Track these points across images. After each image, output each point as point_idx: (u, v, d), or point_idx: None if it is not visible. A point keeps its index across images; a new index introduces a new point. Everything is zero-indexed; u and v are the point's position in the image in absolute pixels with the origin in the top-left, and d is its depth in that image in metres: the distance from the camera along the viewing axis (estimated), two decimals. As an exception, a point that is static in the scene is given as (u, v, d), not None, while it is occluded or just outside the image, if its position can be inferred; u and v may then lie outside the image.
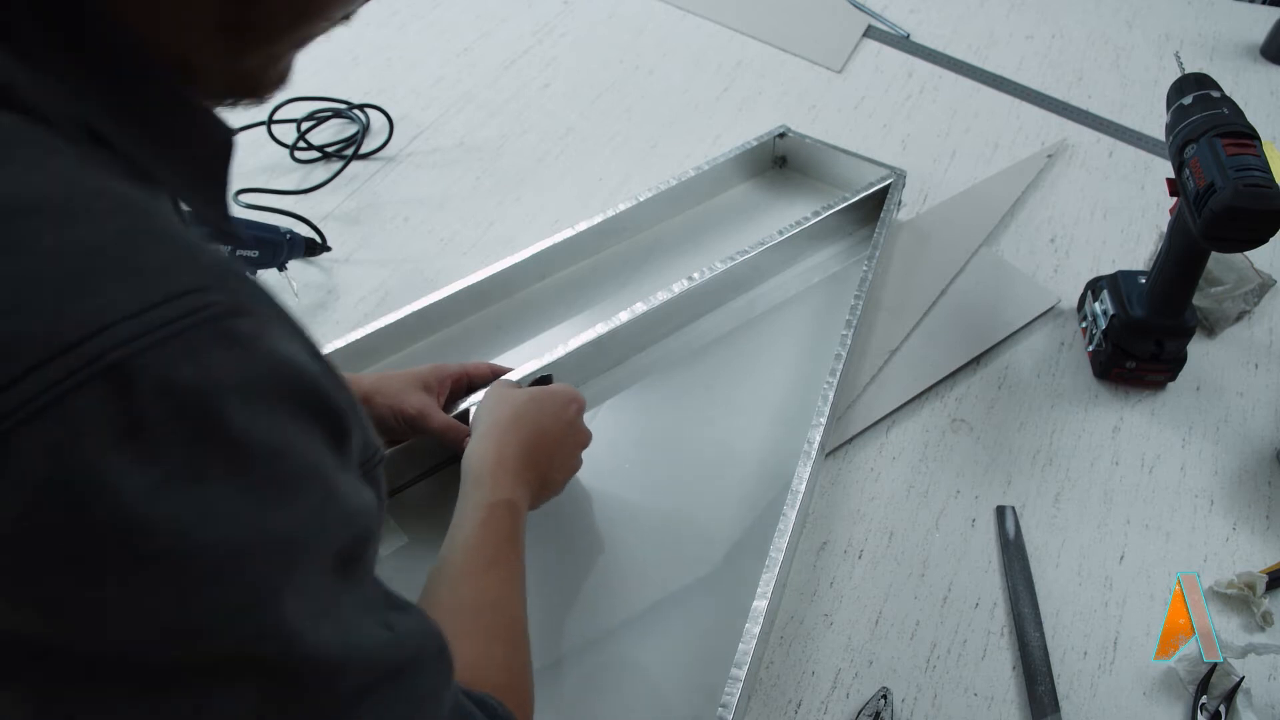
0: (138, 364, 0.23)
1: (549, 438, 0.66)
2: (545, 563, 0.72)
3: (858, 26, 1.32)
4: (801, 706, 0.66)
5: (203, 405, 0.25)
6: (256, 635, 0.27)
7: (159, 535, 0.24)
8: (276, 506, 0.27)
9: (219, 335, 0.25)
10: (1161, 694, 0.67)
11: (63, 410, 0.22)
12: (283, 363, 0.28)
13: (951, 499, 0.78)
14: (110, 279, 0.23)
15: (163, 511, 0.24)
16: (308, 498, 0.28)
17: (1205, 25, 1.32)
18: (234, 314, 0.26)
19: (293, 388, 0.28)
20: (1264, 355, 0.90)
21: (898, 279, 0.95)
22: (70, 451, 0.22)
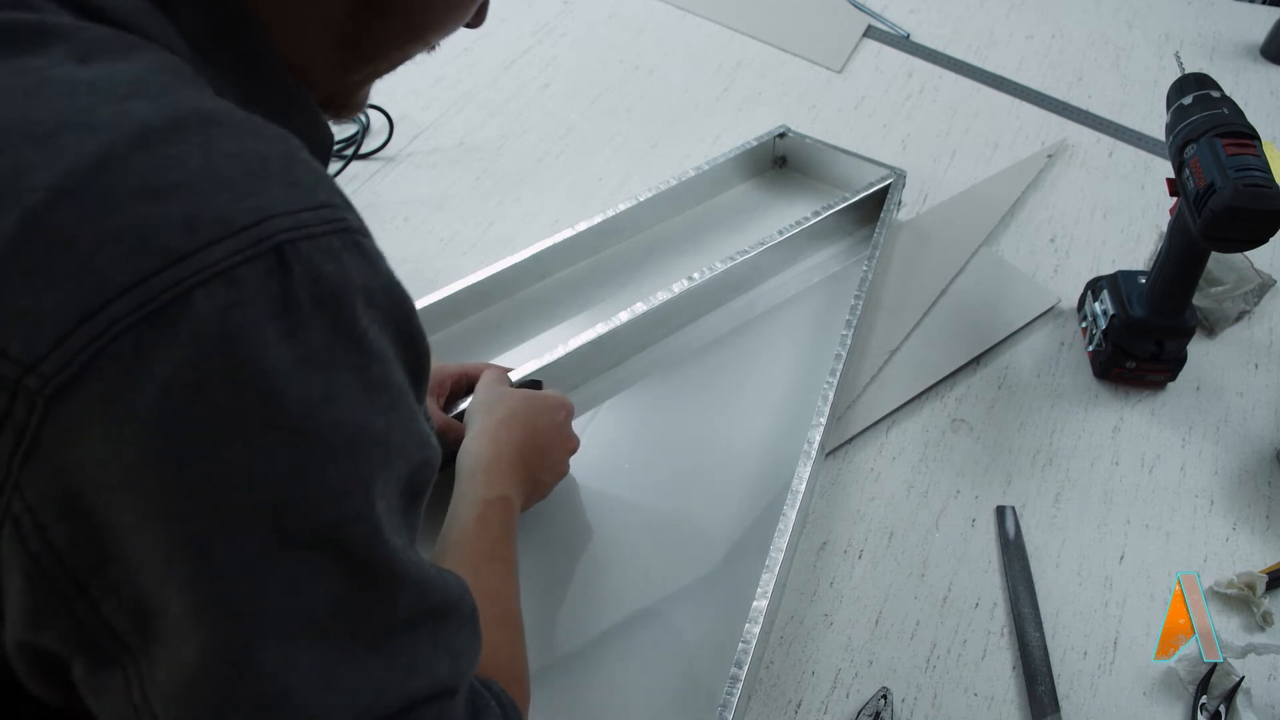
0: (295, 250, 0.27)
1: (541, 439, 0.68)
2: (545, 562, 0.73)
3: (858, 26, 1.32)
4: (801, 706, 0.66)
5: (339, 300, 0.29)
6: (353, 519, 0.30)
7: (291, 405, 0.27)
8: (380, 408, 0.30)
9: (352, 245, 0.29)
10: (1161, 694, 0.67)
11: (234, 278, 0.26)
12: (396, 286, 0.32)
13: (951, 499, 0.78)
14: (274, 183, 0.28)
15: (298, 386, 0.27)
16: (400, 410, 0.31)
17: (1205, 25, 1.32)
18: (363, 233, 0.30)
19: (401, 313, 0.32)
20: (1264, 355, 0.90)
21: (898, 279, 0.95)
22: (237, 313, 0.26)
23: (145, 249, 0.25)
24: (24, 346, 0.25)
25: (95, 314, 0.24)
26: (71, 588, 0.27)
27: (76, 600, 0.27)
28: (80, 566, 0.27)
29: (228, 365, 0.26)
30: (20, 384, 0.25)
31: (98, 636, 0.28)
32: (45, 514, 0.26)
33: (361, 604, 0.31)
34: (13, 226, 0.25)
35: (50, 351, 0.25)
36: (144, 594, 0.28)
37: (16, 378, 0.25)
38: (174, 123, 0.27)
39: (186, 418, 0.26)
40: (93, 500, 0.26)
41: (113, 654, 0.28)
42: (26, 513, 0.26)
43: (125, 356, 0.25)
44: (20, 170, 0.25)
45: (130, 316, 0.25)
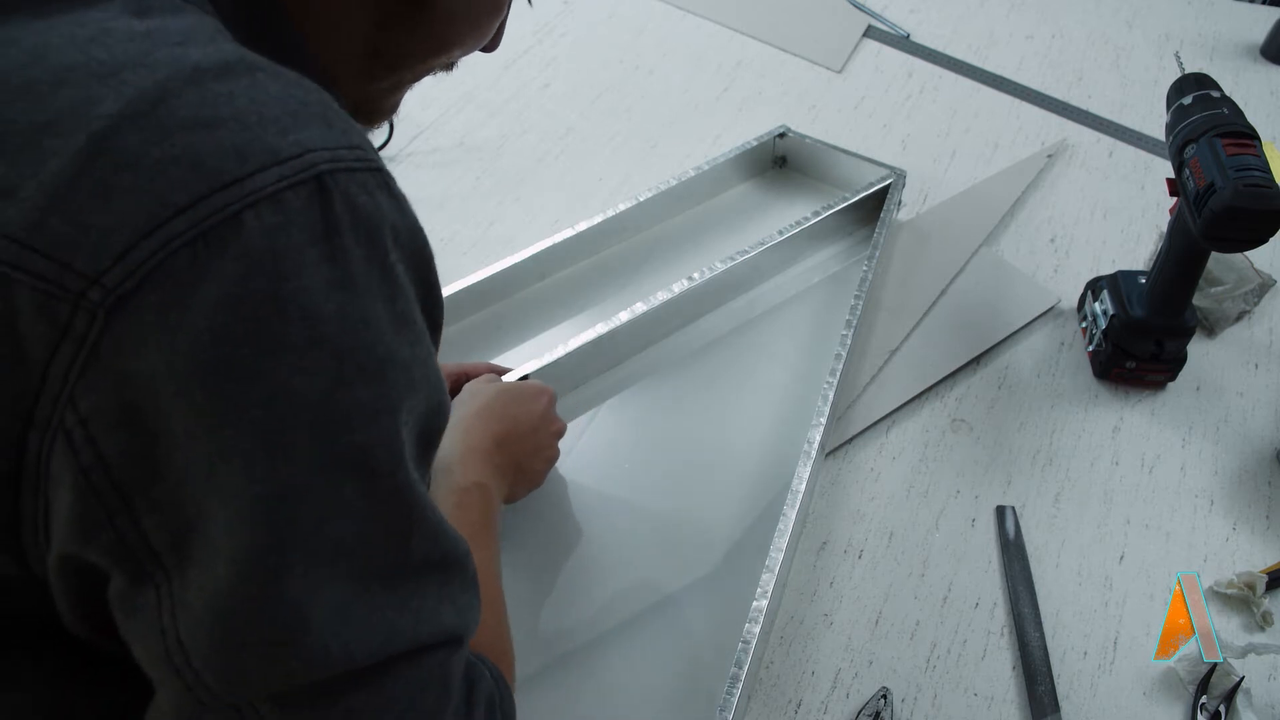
0: (334, 180, 0.29)
1: (520, 426, 0.68)
2: (545, 563, 0.73)
3: (858, 26, 1.32)
4: (801, 706, 0.66)
5: (372, 231, 0.31)
6: (380, 442, 0.31)
7: (329, 324, 0.29)
8: (406, 340, 0.32)
9: (383, 184, 0.32)
10: (1161, 694, 0.67)
11: (280, 201, 0.28)
12: (421, 233, 0.34)
13: (951, 499, 0.78)
14: (314, 123, 0.30)
15: (335, 306, 0.29)
16: (422, 347, 0.33)
17: (1205, 25, 1.32)
18: (390, 177, 0.32)
19: (423, 258, 0.34)
20: (1264, 355, 0.90)
21: (898, 279, 0.95)
22: (282, 235, 0.28)
23: (200, 173, 0.27)
24: (88, 260, 0.26)
25: (155, 231, 0.26)
26: (117, 501, 0.28)
27: (120, 514, 0.28)
28: (127, 480, 0.28)
29: (273, 282, 0.28)
30: (83, 296, 0.26)
31: (137, 552, 0.29)
32: (97, 425, 0.27)
33: (381, 538, 0.32)
34: (81, 149, 0.27)
35: (113, 265, 0.26)
36: (184, 509, 0.29)
37: (80, 290, 0.26)
38: (223, 65, 0.29)
39: (235, 330, 0.27)
40: (144, 410, 0.27)
41: (149, 571, 0.29)
42: (79, 425, 0.27)
43: (181, 271, 0.27)
44: (88, 101, 0.27)
45: (186, 234, 0.27)
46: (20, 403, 0.27)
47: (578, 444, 0.80)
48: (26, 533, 0.29)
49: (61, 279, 0.26)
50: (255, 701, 0.31)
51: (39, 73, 0.28)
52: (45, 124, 0.27)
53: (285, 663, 0.31)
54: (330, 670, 0.31)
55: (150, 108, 0.27)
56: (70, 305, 0.26)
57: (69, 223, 0.26)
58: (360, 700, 0.32)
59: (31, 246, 0.26)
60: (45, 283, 0.26)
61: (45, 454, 0.28)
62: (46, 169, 0.27)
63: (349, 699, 0.32)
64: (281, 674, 0.31)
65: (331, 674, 0.32)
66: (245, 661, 0.30)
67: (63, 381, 0.27)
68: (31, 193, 0.26)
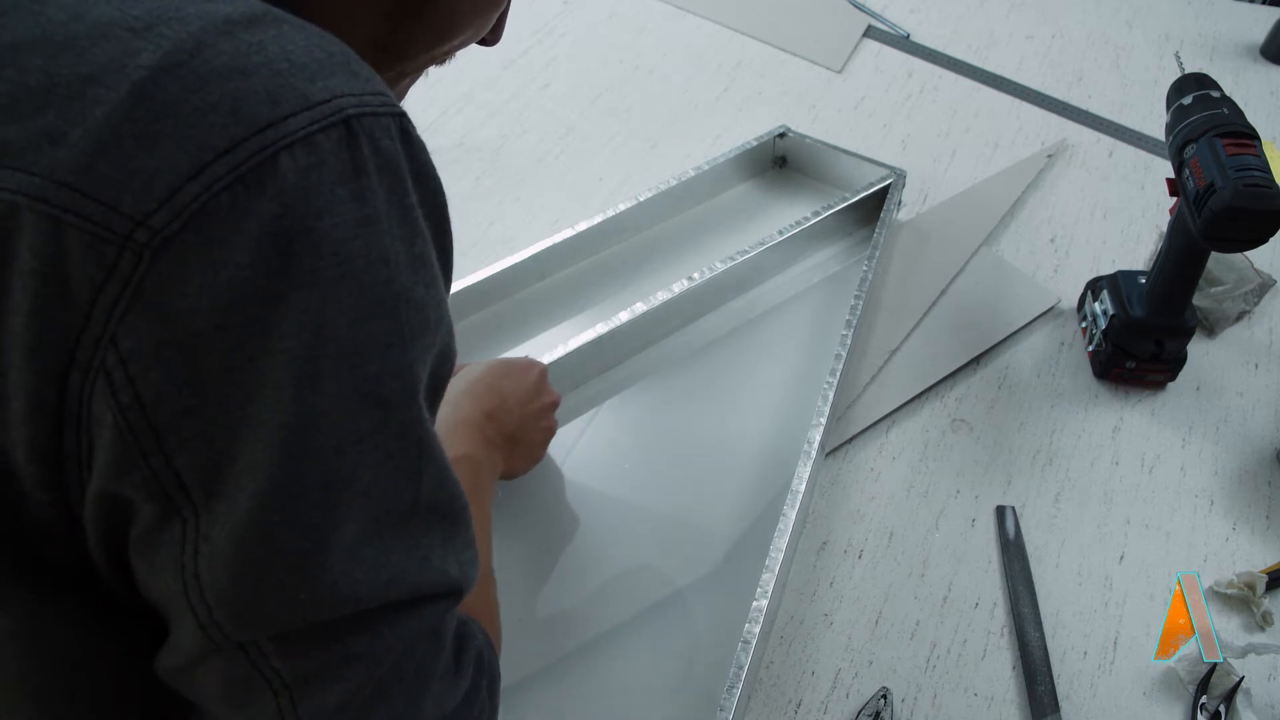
0: (360, 123, 0.31)
1: (510, 399, 0.68)
2: (545, 562, 0.73)
3: (858, 26, 1.32)
4: (801, 706, 0.66)
5: (395, 172, 0.32)
6: (395, 373, 0.33)
7: (356, 260, 0.30)
8: (421, 281, 0.33)
9: (404, 129, 0.33)
10: (1161, 694, 0.67)
11: (312, 143, 0.29)
12: (437, 179, 0.35)
13: (951, 499, 0.78)
14: (339, 71, 0.31)
15: (361, 242, 0.31)
16: (436, 290, 0.35)
17: (1205, 25, 1.32)
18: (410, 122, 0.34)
19: (438, 203, 0.35)
20: (1264, 355, 0.90)
21: (898, 279, 0.95)
22: (315, 174, 0.29)
23: (237, 118, 0.28)
24: (135, 202, 0.27)
25: (198, 174, 0.28)
26: (151, 440, 0.29)
27: (154, 453, 0.29)
28: (163, 419, 0.29)
29: (307, 219, 0.29)
30: (130, 237, 0.27)
31: (167, 488, 0.30)
32: (136, 365, 0.28)
33: (392, 473, 0.34)
34: (124, 98, 0.28)
35: (158, 208, 0.27)
36: (215, 445, 0.30)
37: (127, 232, 0.27)
38: (251, 17, 0.31)
39: (272, 265, 0.29)
40: (183, 348, 0.29)
41: (177, 506, 0.30)
42: (119, 365, 0.28)
43: (222, 211, 0.28)
44: (127, 53, 0.29)
45: (227, 176, 0.28)
46: (64, 342, 0.28)
47: (578, 444, 0.80)
48: (70, 470, 0.30)
49: (109, 221, 0.27)
50: (260, 641, 0.32)
51: (80, 28, 0.29)
52: (89, 75, 0.28)
53: (295, 599, 0.32)
54: (336, 611, 0.33)
55: (187, 58, 0.29)
56: (117, 246, 0.27)
57: (116, 168, 0.28)
58: (359, 644, 0.34)
59: (81, 190, 0.28)
60: (93, 224, 0.27)
61: (87, 393, 0.29)
62: (93, 117, 0.28)
63: (348, 642, 0.33)
64: (290, 612, 0.32)
65: (336, 615, 0.33)
66: (258, 597, 0.31)
67: (105, 321, 0.28)
68: (79, 139, 0.28)
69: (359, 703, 0.34)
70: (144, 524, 0.31)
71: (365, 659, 0.34)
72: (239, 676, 0.33)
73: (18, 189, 0.28)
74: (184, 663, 0.33)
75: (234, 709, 0.34)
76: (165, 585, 0.32)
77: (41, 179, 0.28)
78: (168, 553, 0.31)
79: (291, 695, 0.33)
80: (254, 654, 0.32)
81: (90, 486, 0.30)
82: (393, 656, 0.35)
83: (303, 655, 0.33)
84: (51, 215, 0.27)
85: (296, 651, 0.33)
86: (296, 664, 0.33)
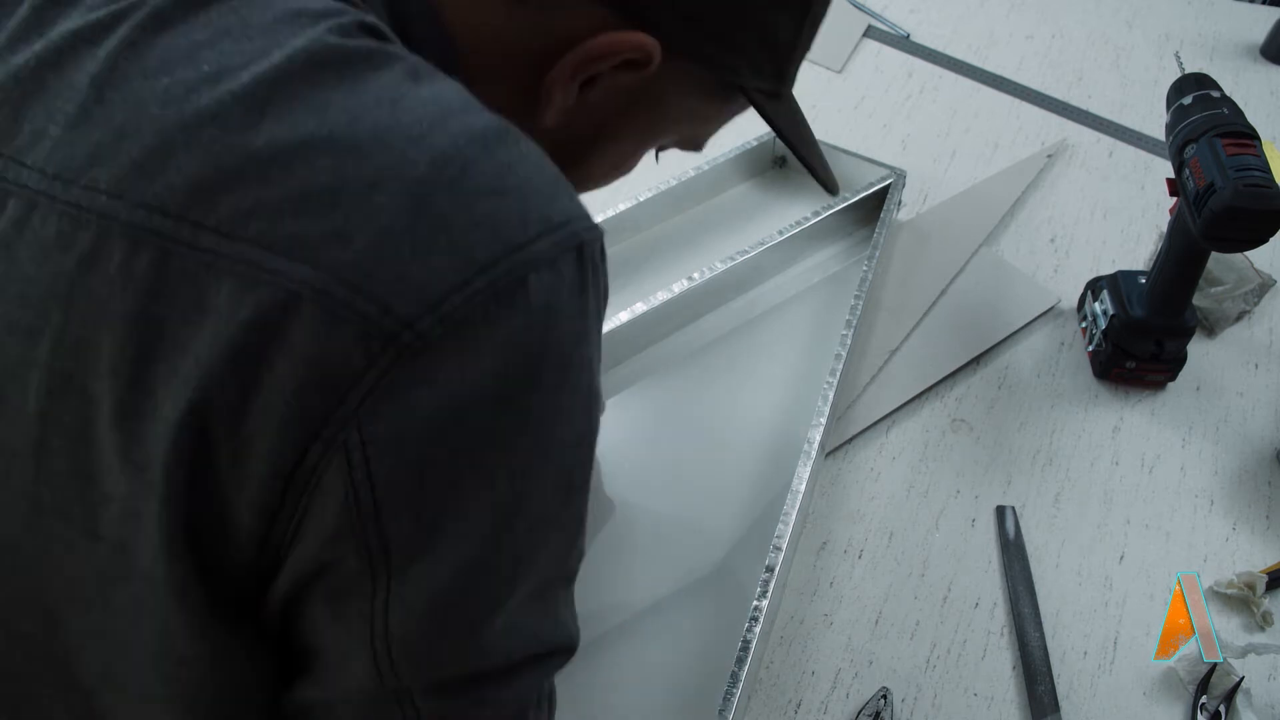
0: (589, 247, 0.34)
1: None
2: (545, 563, 0.73)
3: (858, 26, 1.31)
4: (801, 706, 0.66)
5: (604, 290, 0.36)
6: (584, 461, 0.37)
7: (581, 369, 0.34)
8: (599, 372, 0.37)
9: (603, 249, 0.36)
10: (1161, 694, 0.67)
11: (556, 266, 0.32)
12: None
13: (951, 499, 0.78)
14: (564, 194, 0.34)
15: (580, 352, 0.34)
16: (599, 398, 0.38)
17: (1205, 25, 1.32)
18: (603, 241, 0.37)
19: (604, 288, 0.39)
20: (1264, 355, 0.90)
21: (898, 279, 0.95)
22: (556, 294, 0.32)
23: (497, 238, 0.31)
24: (406, 306, 0.30)
25: (463, 286, 0.30)
26: (370, 511, 0.32)
27: (370, 522, 0.32)
28: (387, 496, 0.32)
29: (548, 334, 0.33)
30: (396, 337, 0.30)
31: (372, 552, 0.32)
32: (374, 447, 0.31)
33: (563, 550, 0.38)
34: (404, 208, 0.31)
35: (426, 313, 0.30)
36: (425, 519, 0.33)
37: (396, 332, 0.30)
38: (500, 133, 0.34)
39: (514, 372, 0.32)
40: (420, 440, 0.31)
41: (375, 567, 0.33)
42: (359, 446, 0.31)
43: (477, 323, 0.31)
44: (405, 162, 0.31)
45: (486, 290, 0.31)
46: (315, 420, 0.31)
47: (578, 444, 0.80)
48: (278, 527, 0.32)
49: (381, 321, 0.30)
50: (413, 689, 0.35)
51: (361, 131, 0.32)
52: (372, 181, 0.31)
53: (464, 654, 0.36)
54: (490, 664, 0.36)
55: (459, 173, 0.32)
56: (382, 342, 0.30)
57: (392, 273, 0.30)
58: (491, 693, 0.37)
59: (361, 290, 0.30)
60: (367, 322, 0.30)
61: (324, 466, 0.31)
62: (376, 223, 0.30)
63: (483, 690, 0.37)
64: (456, 664, 0.36)
65: (486, 668, 0.36)
66: (435, 650, 0.35)
67: (357, 406, 0.30)
68: (363, 243, 0.30)
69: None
70: (341, 579, 0.33)
71: (493, 704, 0.37)
72: (380, 714, 0.36)
73: (304, 280, 0.30)
74: (331, 698, 0.37)
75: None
76: (343, 630, 0.35)
77: (327, 275, 0.30)
78: (357, 605, 0.34)
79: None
80: (404, 696, 0.36)
81: (298, 546, 0.33)
82: (516, 704, 0.38)
83: (447, 700, 0.36)
84: (331, 309, 0.30)
85: (443, 696, 0.36)
86: (438, 706, 0.36)
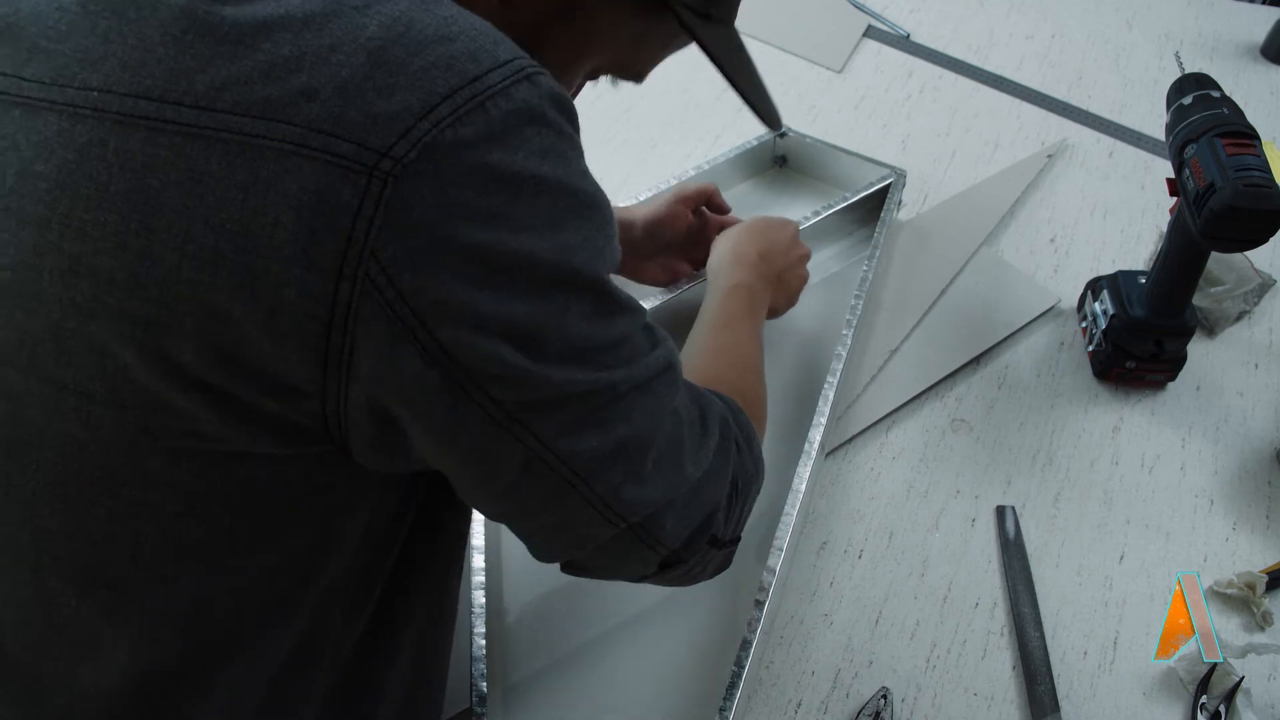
0: (538, 76, 0.38)
1: (777, 246, 0.81)
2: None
3: (858, 26, 1.32)
4: (801, 706, 0.66)
5: (562, 110, 0.40)
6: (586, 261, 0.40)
7: (549, 178, 0.38)
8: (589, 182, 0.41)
9: (552, 79, 0.40)
10: (1161, 694, 0.67)
11: (509, 94, 0.37)
12: None
13: (951, 499, 0.78)
14: (507, 43, 0.39)
15: (548, 167, 0.38)
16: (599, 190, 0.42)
17: (1205, 25, 1.32)
18: None
19: (577, 125, 0.42)
20: (1264, 355, 0.90)
21: (898, 279, 0.95)
22: (514, 117, 0.37)
23: (452, 72, 0.36)
24: (379, 139, 0.34)
25: (427, 114, 0.35)
26: (415, 320, 0.36)
27: (419, 330, 0.36)
28: (420, 305, 0.36)
29: (509, 153, 0.37)
30: (376, 167, 0.34)
31: (439, 359, 0.37)
32: (394, 268, 0.35)
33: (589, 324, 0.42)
34: (363, 63, 0.35)
35: (397, 141, 0.34)
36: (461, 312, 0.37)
37: (374, 162, 0.34)
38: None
39: (489, 186, 0.36)
40: (426, 250, 0.35)
41: (460, 380, 0.37)
42: (381, 272, 0.35)
43: (447, 144, 0.35)
44: (357, 27, 0.36)
45: (449, 116, 0.35)
46: (333, 262, 0.34)
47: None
48: (331, 368, 0.36)
49: (359, 156, 0.34)
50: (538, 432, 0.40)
51: (314, 8, 0.36)
52: (330, 45, 0.35)
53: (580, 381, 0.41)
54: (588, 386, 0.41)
55: (405, 29, 0.36)
56: (367, 174, 0.34)
57: (362, 114, 0.34)
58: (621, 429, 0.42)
59: (335, 134, 0.34)
60: (347, 161, 0.34)
61: (355, 298, 0.35)
62: (339, 76, 0.35)
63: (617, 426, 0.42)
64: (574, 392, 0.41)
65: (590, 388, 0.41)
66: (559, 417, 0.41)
67: (365, 238, 0.34)
68: (330, 95, 0.35)
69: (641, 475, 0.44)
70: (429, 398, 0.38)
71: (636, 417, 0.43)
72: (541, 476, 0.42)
73: (283, 138, 0.34)
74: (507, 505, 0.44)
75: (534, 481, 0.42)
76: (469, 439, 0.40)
77: (303, 129, 0.34)
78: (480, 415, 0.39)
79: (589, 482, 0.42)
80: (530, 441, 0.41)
81: (352, 385, 0.37)
82: (658, 435, 0.44)
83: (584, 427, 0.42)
84: (313, 156, 0.34)
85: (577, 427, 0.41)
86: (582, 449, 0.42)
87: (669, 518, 0.46)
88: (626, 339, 0.43)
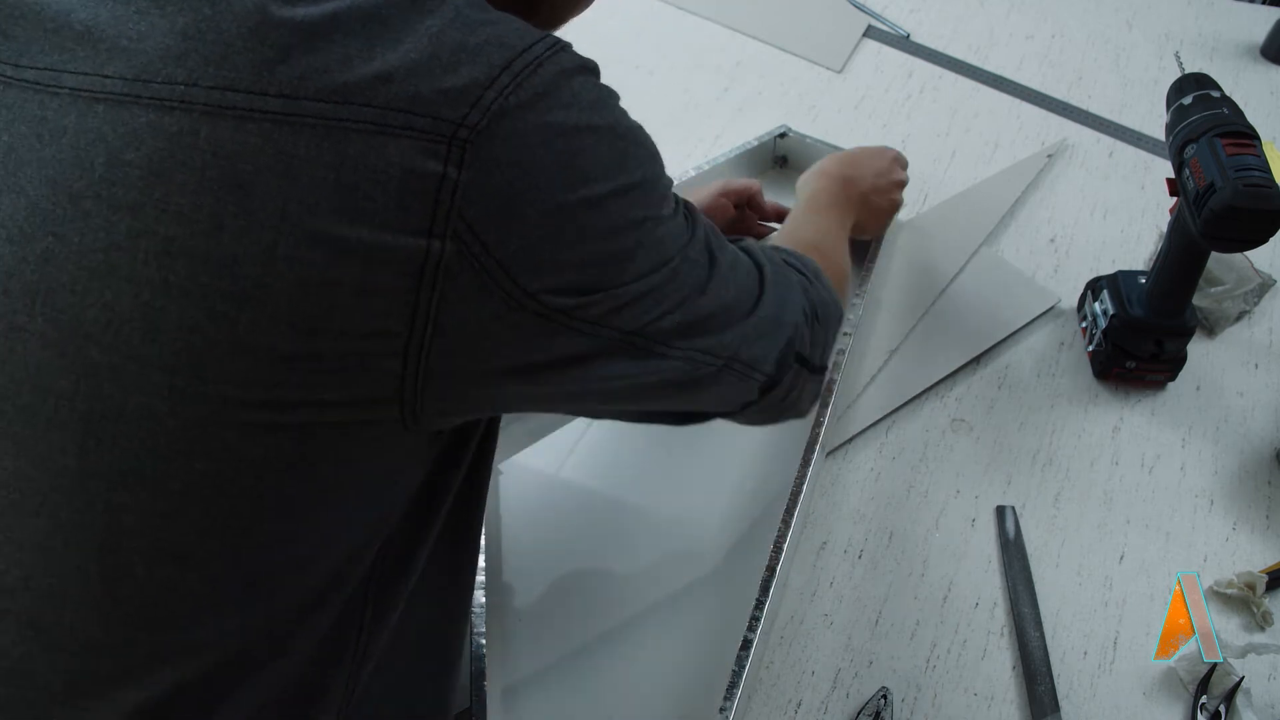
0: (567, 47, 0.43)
1: (866, 169, 0.87)
2: (546, 563, 0.73)
3: (858, 26, 1.32)
4: (801, 706, 0.66)
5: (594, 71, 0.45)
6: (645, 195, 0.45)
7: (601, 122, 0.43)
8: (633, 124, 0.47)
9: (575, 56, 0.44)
10: (1161, 694, 0.67)
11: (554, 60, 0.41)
12: None
13: (951, 499, 0.78)
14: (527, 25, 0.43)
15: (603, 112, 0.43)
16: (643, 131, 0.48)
17: (1205, 25, 1.32)
18: None
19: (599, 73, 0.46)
20: (1264, 355, 0.90)
21: (897, 279, 0.95)
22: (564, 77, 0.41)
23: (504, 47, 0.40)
24: (453, 109, 0.38)
25: (491, 83, 0.39)
26: (499, 270, 0.40)
27: (503, 279, 0.40)
28: (504, 256, 0.39)
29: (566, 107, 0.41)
30: (454, 136, 0.38)
31: (524, 303, 0.41)
32: (479, 225, 0.38)
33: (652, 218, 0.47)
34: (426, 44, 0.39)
35: (469, 110, 0.38)
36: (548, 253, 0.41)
37: (451, 133, 0.38)
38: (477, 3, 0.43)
39: (551, 138, 0.40)
40: (506, 205, 0.39)
41: (547, 316, 0.42)
42: (467, 229, 0.38)
43: (512, 108, 0.39)
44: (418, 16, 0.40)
45: (510, 84, 0.39)
46: (423, 224, 0.38)
47: (578, 445, 0.80)
48: (417, 325, 0.39)
49: (437, 128, 0.38)
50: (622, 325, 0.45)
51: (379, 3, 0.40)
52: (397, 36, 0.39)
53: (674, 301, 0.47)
54: None
55: (455, 15, 0.40)
56: (446, 144, 0.38)
57: (433, 90, 0.38)
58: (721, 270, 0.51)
59: (412, 110, 0.38)
60: (426, 134, 0.38)
61: (443, 254, 0.38)
62: (408, 60, 0.38)
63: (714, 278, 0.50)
64: None
65: None
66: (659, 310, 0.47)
67: (450, 200, 0.38)
68: (403, 77, 0.38)
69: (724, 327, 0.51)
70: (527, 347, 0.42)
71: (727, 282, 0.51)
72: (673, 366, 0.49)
73: (367, 120, 0.37)
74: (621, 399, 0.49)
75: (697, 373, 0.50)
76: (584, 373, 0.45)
77: (382, 110, 0.37)
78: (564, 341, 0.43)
79: None
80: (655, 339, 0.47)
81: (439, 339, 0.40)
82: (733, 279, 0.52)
83: None
84: (395, 133, 0.37)
85: None
86: None
87: (758, 347, 0.53)
88: (690, 242, 0.49)
